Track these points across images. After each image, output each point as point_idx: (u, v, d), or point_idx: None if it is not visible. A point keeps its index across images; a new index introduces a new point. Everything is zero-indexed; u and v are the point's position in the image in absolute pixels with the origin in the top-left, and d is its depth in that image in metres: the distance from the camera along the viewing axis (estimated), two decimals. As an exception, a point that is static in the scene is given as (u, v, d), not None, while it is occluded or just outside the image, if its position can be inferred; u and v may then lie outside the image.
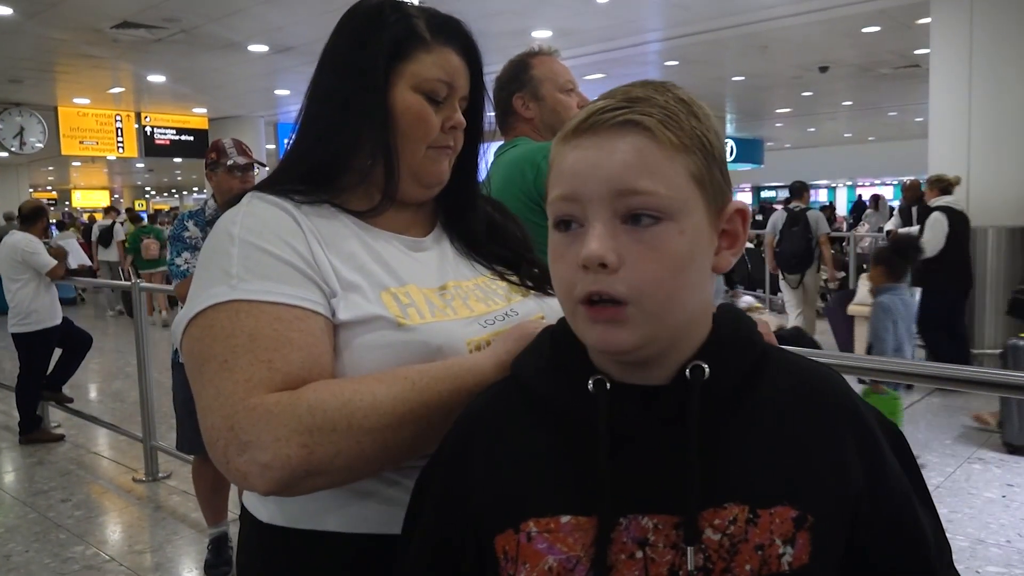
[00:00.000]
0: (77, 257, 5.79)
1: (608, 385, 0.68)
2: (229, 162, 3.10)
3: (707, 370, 0.67)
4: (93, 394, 6.49)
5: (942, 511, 0.75)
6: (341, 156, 0.96)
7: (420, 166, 0.98)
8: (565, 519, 0.67)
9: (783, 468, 0.67)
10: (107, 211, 13.75)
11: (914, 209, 7.99)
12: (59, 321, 5.10)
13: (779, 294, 9.77)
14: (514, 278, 1.05)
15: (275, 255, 0.86)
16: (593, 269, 0.63)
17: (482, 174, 1.11)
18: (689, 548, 0.64)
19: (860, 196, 21.15)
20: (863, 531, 0.69)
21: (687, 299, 0.67)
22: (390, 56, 0.94)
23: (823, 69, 9.94)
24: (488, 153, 1.12)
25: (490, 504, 0.71)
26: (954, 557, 0.75)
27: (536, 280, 1.06)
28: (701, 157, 0.66)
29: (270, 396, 0.77)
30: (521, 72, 2.04)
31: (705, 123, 0.67)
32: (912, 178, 8.02)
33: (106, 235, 11.92)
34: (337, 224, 0.94)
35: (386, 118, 0.94)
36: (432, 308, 0.92)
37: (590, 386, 0.68)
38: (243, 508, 0.97)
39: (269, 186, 0.96)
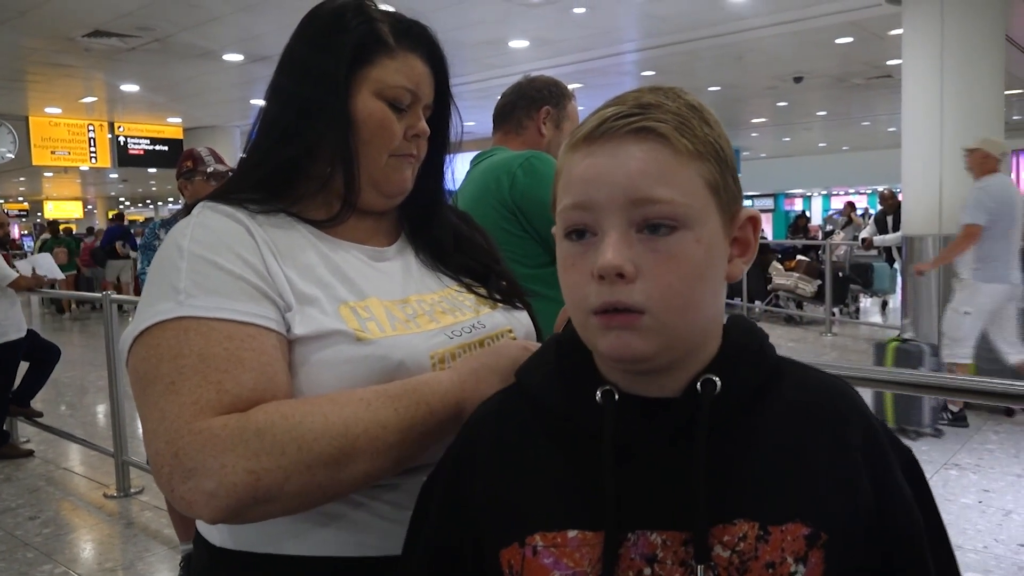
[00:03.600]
0: (49, 271, 5.64)
1: (616, 396, 0.67)
2: (209, 169, 3.06)
3: (718, 383, 0.65)
4: (63, 408, 6.35)
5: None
6: (299, 162, 0.93)
7: (381, 174, 0.95)
8: (572, 534, 0.65)
9: (795, 484, 0.65)
10: (50, 225, 16.25)
11: (889, 218, 8.10)
12: (24, 334, 4.97)
13: (755, 302, 9.88)
14: (482, 291, 1.02)
15: (226, 269, 0.82)
16: (609, 279, 0.61)
17: (449, 184, 1.08)
18: (699, 567, 0.62)
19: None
20: (867, 556, 0.67)
21: (703, 309, 0.65)
22: (352, 61, 0.91)
23: (797, 80, 10.04)
24: (457, 163, 1.09)
25: (495, 516, 0.69)
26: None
27: (504, 293, 1.03)
28: (715, 164, 0.65)
29: (217, 420, 0.72)
30: (562, 96, 2.10)
31: (716, 129, 0.66)
32: (887, 187, 8.13)
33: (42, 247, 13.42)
34: (294, 235, 0.90)
35: (347, 124, 0.91)
36: (393, 321, 0.89)
37: (598, 397, 0.67)
38: (196, 531, 0.93)
39: (224, 195, 0.92)
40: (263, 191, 0.92)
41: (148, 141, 12.27)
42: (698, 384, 0.66)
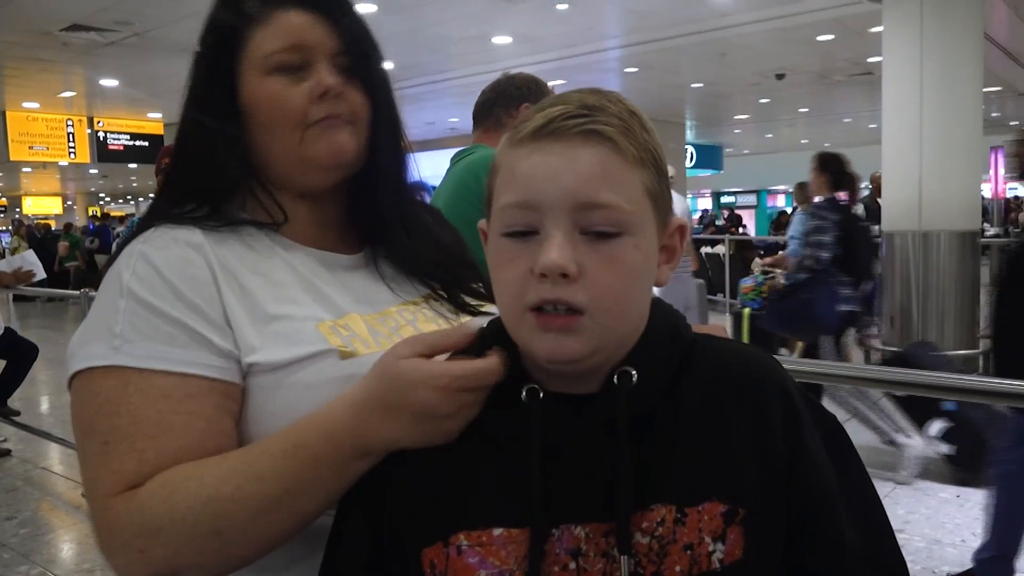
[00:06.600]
0: (34, 268, 5.52)
1: (541, 395, 0.67)
2: None
3: (635, 375, 0.66)
4: (43, 407, 6.29)
5: (898, 512, 0.72)
6: (221, 178, 0.87)
7: (308, 150, 0.85)
8: (497, 532, 0.66)
9: (711, 462, 0.66)
10: (66, 227, 17.76)
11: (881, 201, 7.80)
12: (1, 331, 4.92)
13: (739, 298, 9.91)
14: (458, 297, 0.96)
15: (164, 313, 0.76)
16: (552, 279, 0.62)
17: (412, 170, 0.99)
18: (623, 558, 0.63)
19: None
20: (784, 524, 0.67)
21: (635, 312, 0.67)
22: (227, 50, 0.86)
23: (780, 76, 10.09)
24: (437, 161, 1.03)
25: (417, 513, 0.69)
26: (910, 559, 0.72)
27: (477, 295, 0.97)
28: (654, 172, 0.66)
29: (123, 496, 0.72)
30: (541, 93, 2.13)
31: (653, 137, 0.67)
32: (879, 171, 8.01)
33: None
34: (259, 248, 0.85)
35: (236, 117, 0.86)
36: (377, 336, 0.84)
37: (523, 395, 0.67)
38: None
39: (171, 212, 0.86)
40: (204, 201, 0.86)
41: (128, 136, 12.16)
42: (615, 378, 0.66)
